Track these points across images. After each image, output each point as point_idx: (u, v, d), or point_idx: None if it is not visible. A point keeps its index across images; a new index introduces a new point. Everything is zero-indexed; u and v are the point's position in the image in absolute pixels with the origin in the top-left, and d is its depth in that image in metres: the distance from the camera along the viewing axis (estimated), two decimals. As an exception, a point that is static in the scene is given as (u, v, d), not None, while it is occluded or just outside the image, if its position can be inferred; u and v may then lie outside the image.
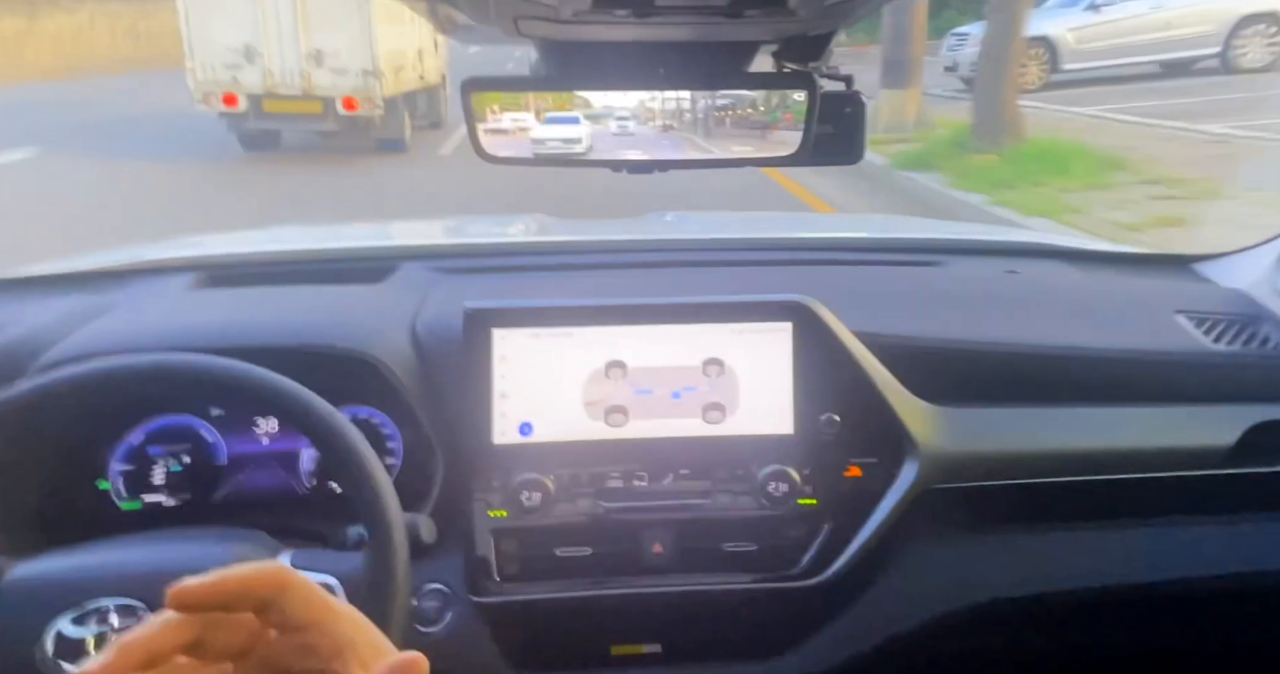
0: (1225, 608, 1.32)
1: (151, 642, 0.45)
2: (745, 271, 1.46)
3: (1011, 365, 1.20)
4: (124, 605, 0.80)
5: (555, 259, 1.53)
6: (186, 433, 1.16)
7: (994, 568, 1.20)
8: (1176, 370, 1.23)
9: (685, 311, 1.11)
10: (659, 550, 1.10)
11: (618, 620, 1.15)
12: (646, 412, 1.09)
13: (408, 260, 1.47)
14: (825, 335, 1.11)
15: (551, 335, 1.09)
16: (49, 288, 1.40)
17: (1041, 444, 1.17)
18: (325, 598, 0.50)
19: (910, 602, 1.17)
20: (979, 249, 1.65)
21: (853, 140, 0.92)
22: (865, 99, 0.91)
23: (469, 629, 1.07)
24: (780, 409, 1.11)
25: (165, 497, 1.15)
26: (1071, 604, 1.23)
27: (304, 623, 0.49)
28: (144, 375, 0.88)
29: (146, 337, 1.12)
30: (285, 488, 1.17)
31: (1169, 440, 1.19)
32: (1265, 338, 1.27)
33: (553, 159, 0.89)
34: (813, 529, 1.12)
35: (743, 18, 0.70)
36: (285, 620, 0.48)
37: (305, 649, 0.49)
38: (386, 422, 1.19)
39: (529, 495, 1.05)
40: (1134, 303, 1.37)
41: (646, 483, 1.10)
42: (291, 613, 0.48)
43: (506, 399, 1.08)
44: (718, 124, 0.88)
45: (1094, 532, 1.23)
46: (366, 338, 1.14)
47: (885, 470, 1.13)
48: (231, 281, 1.40)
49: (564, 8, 0.67)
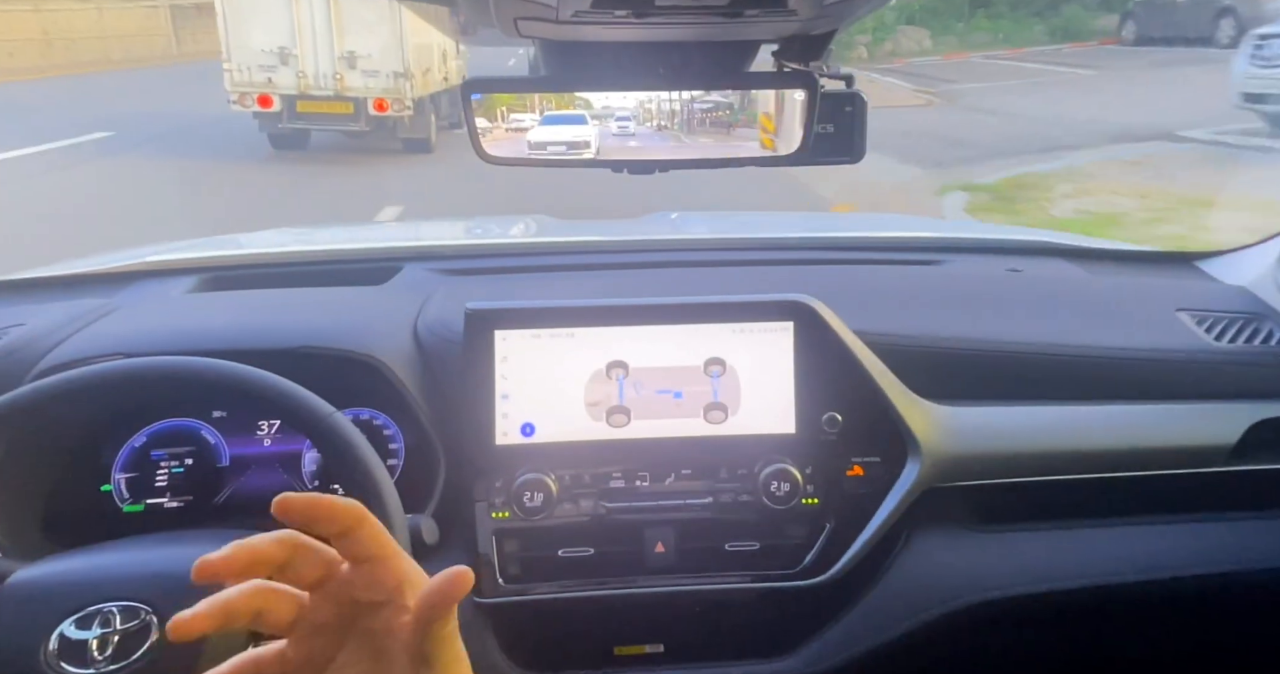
0: (1228, 605, 1.32)
1: (258, 550, 0.51)
2: (746, 271, 1.46)
3: (1013, 364, 1.20)
4: (127, 608, 0.80)
5: (556, 260, 1.53)
6: (189, 435, 1.16)
7: (997, 566, 1.20)
8: (1179, 368, 1.22)
9: (687, 312, 1.11)
10: (661, 550, 1.10)
11: (620, 620, 1.15)
12: (648, 412, 1.09)
13: (409, 261, 1.47)
14: (827, 335, 1.11)
15: (553, 336, 1.09)
16: (51, 290, 1.40)
17: (1043, 442, 1.17)
18: (389, 537, 0.55)
19: (913, 600, 1.17)
20: (980, 247, 1.65)
21: (853, 139, 0.92)
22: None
23: (472, 630, 1.07)
24: (782, 409, 1.10)
25: (167, 499, 1.15)
26: (1074, 602, 1.23)
27: (372, 556, 0.54)
28: (143, 378, 0.88)
29: (148, 339, 1.12)
30: (287, 490, 1.17)
31: (1171, 438, 1.19)
32: (1268, 335, 1.27)
33: (553, 160, 0.89)
34: (815, 528, 1.12)
35: (742, 17, 0.70)
36: (358, 552, 0.53)
37: (372, 581, 0.54)
38: (389, 423, 1.19)
39: (531, 496, 1.05)
40: (1136, 300, 1.37)
41: (648, 483, 1.10)
42: (364, 545, 0.53)
43: (508, 400, 1.08)
44: (699, 124, 0.89)
45: (1096, 529, 1.23)
46: (368, 339, 1.14)
47: (887, 469, 1.13)
48: (233, 284, 1.40)
49: (563, 8, 0.67)
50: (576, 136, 0.89)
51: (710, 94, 0.88)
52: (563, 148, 0.90)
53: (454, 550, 1.08)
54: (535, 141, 0.89)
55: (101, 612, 0.80)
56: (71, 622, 0.79)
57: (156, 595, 0.81)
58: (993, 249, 1.63)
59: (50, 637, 0.78)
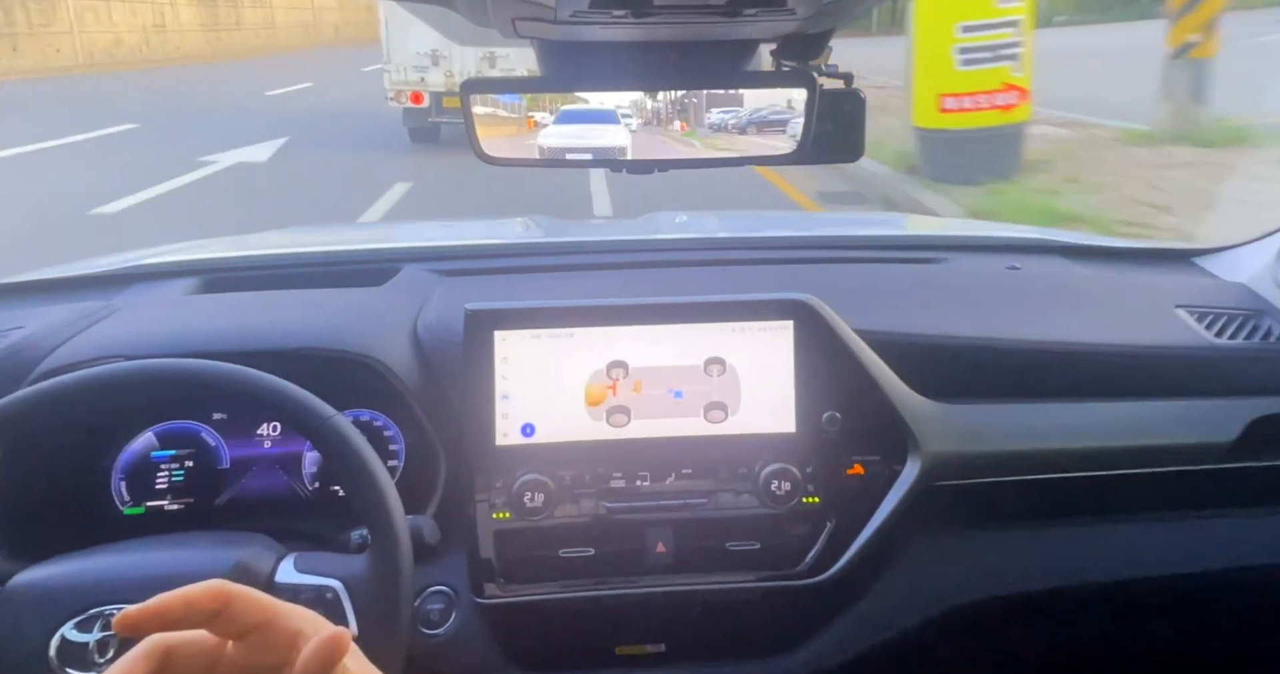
0: (1229, 602, 1.32)
1: (127, 671, 0.49)
2: (746, 270, 1.46)
3: (1013, 361, 1.20)
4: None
5: (556, 260, 1.53)
6: (189, 437, 1.16)
7: (997, 564, 1.20)
8: (1178, 365, 1.22)
9: (686, 311, 1.11)
10: (662, 550, 1.10)
11: (621, 621, 1.15)
12: (648, 411, 1.09)
13: (408, 262, 1.47)
14: (826, 333, 1.11)
15: (553, 336, 1.09)
16: (50, 293, 1.40)
17: (1044, 440, 1.17)
18: (267, 598, 0.54)
19: (914, 599, 1.17)
20: (979, 245, 1.65)
21: (852, 138, 0.92)
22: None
23: (473, 631, 1.07)
24: (782, 408, 1.10)
25: (168, 501, 1.15)
26: (1075, 600, 1.23)
27: (255, 625, 0.52)
28: (142, 381, 0.88)
29: (147, 342, 1.12)
30: (288, 491, 1.17)
31: (1171, 435, 1.19)
32: (1267, 331, 1.27)
33: (552, 160, 0.89)
34: (816, 527, 1.12)
35: (741, 17, 0.70)
36: (238, 628, 0.52)
37: (263, 647, 0.53)
38: (389, 424, 1.19)
39: (532, 496, 1.05)
40: (1135, 297, 1.37)
41: (649, 483, 1.10)
42: (241, 619, 0.52)
43: (508, 400, 1.08)
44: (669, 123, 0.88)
45: (1097, 527, 1.23)
46: (368, 340, 1.14)
47: (888, 468, 1.13)
48: (232, 286, 1.40)
49: (561, 8, 0.67)
50: (603, 142, 0.83)
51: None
52: (588, 155, 0.86)
53: (455, 551, 1.08)
54: (547, 148, 0.86)
55: (102, 614, 0.80)
56: (72, 624, 0.79)
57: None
58: (992, 247, 1.63)
59: (51, 639, 0.78)
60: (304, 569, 0.88)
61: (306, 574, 0.87)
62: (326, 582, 0.86)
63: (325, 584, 0.86)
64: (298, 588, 0.86)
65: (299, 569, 0.88)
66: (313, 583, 0.86)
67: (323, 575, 0.87)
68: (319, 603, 0.85)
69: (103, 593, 0.81)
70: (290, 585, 0.86)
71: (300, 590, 0.85)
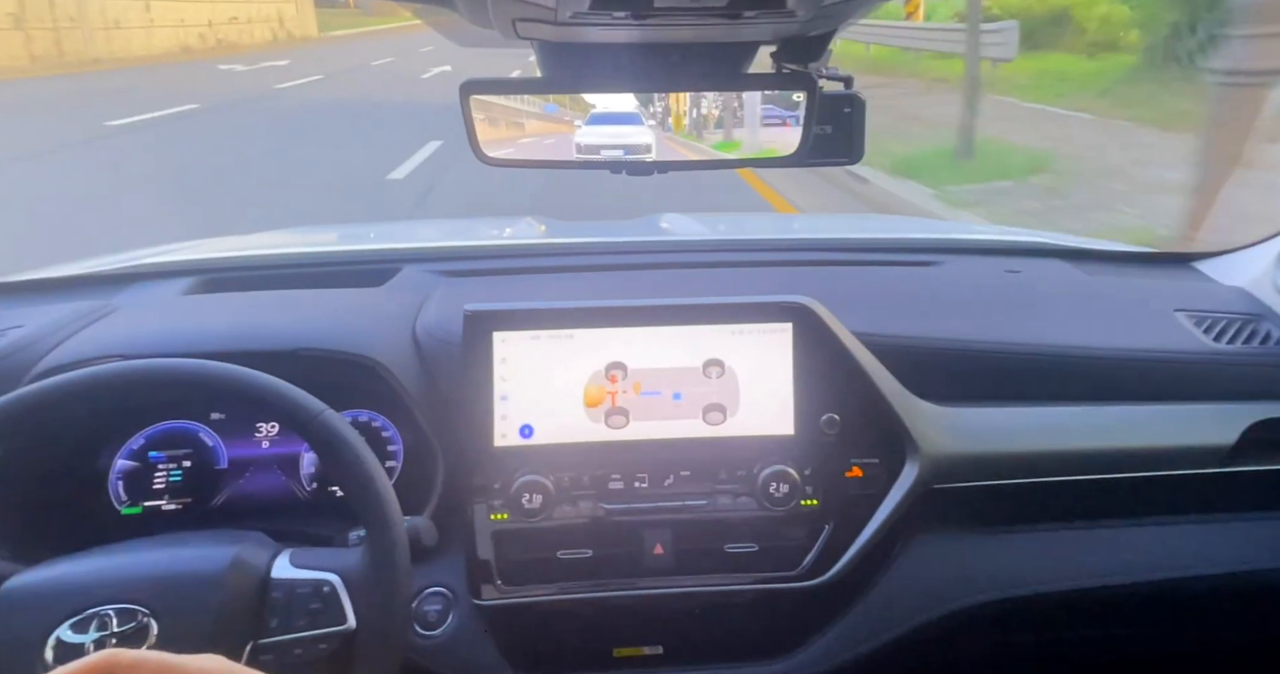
0: (1227, 606, 1.32)
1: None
2: (745, 273, 1.46)
3: (1012, 365, 1.20)
4: (124, 610, 0.80)
5: (555, 261, 1.53)
6: (187, 437, 1.16)
7: (995, 568, 1.20)
8: (1177, 369, 1.22)
9: (685, 313, 1.11)
10: (660, 552, 1.10)
11: (619, 622, 1.15)
12: (647, 413, 1.09)
13: (407, 263, 1.47)
14: (825, 336, 1.11)
15: (552, 337, 1.09)
16: (48, 292, 1.40)
17: (1042, 443, 1.17)
18: (162, 656, 0.53)
19: (912, 602, 1.17)
20: (978, 248, 1.65)
21: (851, 140, 0.92)
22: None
23: (471, 632, 1.07)
24: (781, 410, 1.10)
25: (165, 501, 1.14)
26: (1073, 603, 1.23)
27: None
28: (133, 380, 0.87)
29: (145, 341, 1.12)
30: (285, 492, 1.17)
31: (1170, 439, 1.19)
32: (1266, 336, 1.27)
33: (552, 161, 0.89)
34: (814, 530, 1.12)
35: (741, 19, 0.70)
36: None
37: None
38: (387, 425, 1.18)
39: (530, 498, 1.05)
40: (1134, 301, 1.37)
41: (647, 484, 1.10)
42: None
43: (507, 401, 1.08)
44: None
45: (1094, 531, 1.23)
46: (366, 341, 1.13)
47: (886, 471, 1.13)
48: (230, 285, 1.40)
49: (562, 10, 0.67)
50: (633, 140, 0.85)
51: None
52: (619, 152, 0.87)
53: (452, 553, 1.08)
54: (585, 145, 0.87)
55: (99, 615, 0.80)
56: (69, 625, 0.79)
57: (154, 598, 0.80)
58: (990, 250, 1.63)
59: (48, 640, 0.78)
60: (300, 564, 0.87)
61: (302, 569, 0.87)
62: (323, 575, 0.86)
63: (322, 578, 0.86)
64: (294, 583, 0.85)
65: (295, 564, 0.87)
66: (309, 577, 0.86)
67: (319, 569, 0.87)
68: (316, 597, 0.84)
69: (99, 593, 0.81)
70: (286, 580, 0.86)
71: (297, 585, 0.85)
